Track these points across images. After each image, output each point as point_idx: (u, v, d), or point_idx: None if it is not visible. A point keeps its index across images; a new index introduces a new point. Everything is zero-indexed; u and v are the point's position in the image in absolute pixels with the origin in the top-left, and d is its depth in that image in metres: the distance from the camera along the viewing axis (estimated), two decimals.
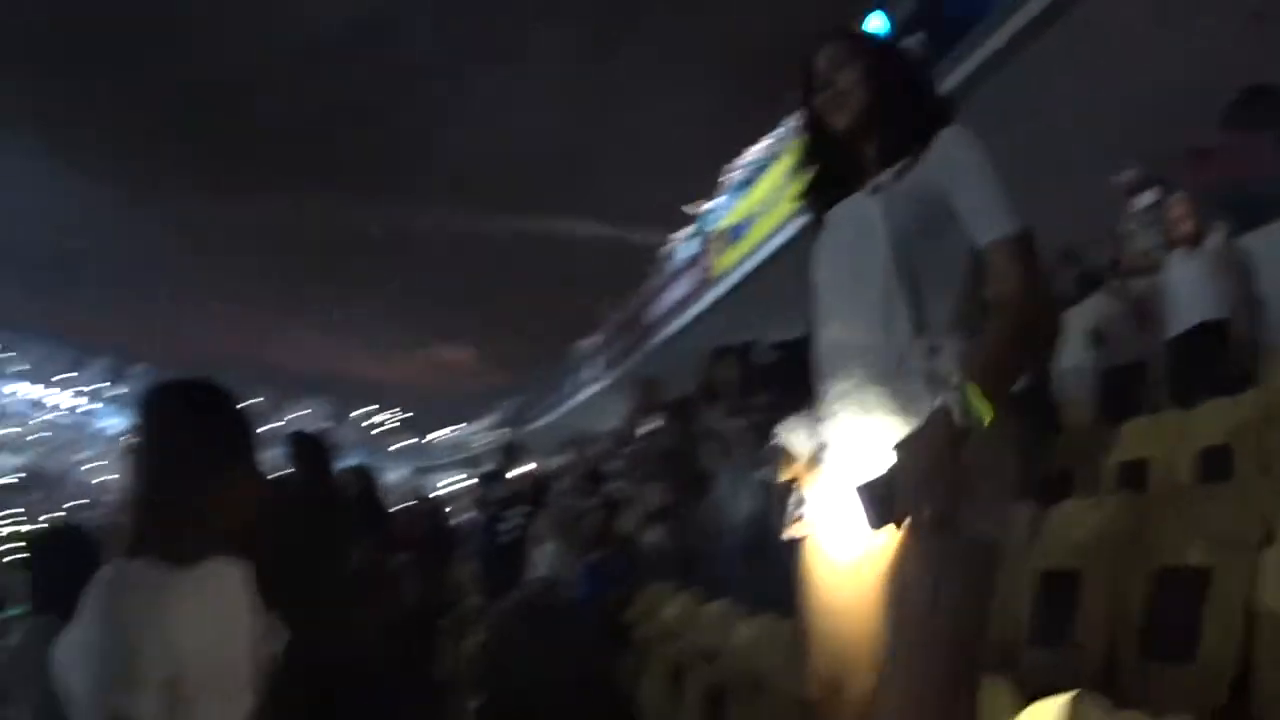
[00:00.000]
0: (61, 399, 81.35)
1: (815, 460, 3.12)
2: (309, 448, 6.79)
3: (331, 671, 5.10)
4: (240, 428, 3.19)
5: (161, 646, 2.70)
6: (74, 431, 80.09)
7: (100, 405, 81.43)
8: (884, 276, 2.94)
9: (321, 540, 6.08)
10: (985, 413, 2.67)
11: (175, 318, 73.73)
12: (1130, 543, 5.60)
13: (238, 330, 76.69)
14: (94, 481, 73.90)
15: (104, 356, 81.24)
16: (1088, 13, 12.72)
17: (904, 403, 2.85)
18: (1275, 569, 4.39)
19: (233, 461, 3.09)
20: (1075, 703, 3.33)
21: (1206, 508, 5.44)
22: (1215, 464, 6.78)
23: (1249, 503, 5.23)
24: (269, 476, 5.37)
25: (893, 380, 2.88)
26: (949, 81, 14.16)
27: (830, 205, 3.31)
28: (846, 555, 2.99)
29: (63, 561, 5.18)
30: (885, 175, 3.11)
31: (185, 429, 3.03)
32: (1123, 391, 9.53)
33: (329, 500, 6.49)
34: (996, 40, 13.88)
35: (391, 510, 12.22)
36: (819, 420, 3.14)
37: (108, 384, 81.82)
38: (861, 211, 3.12)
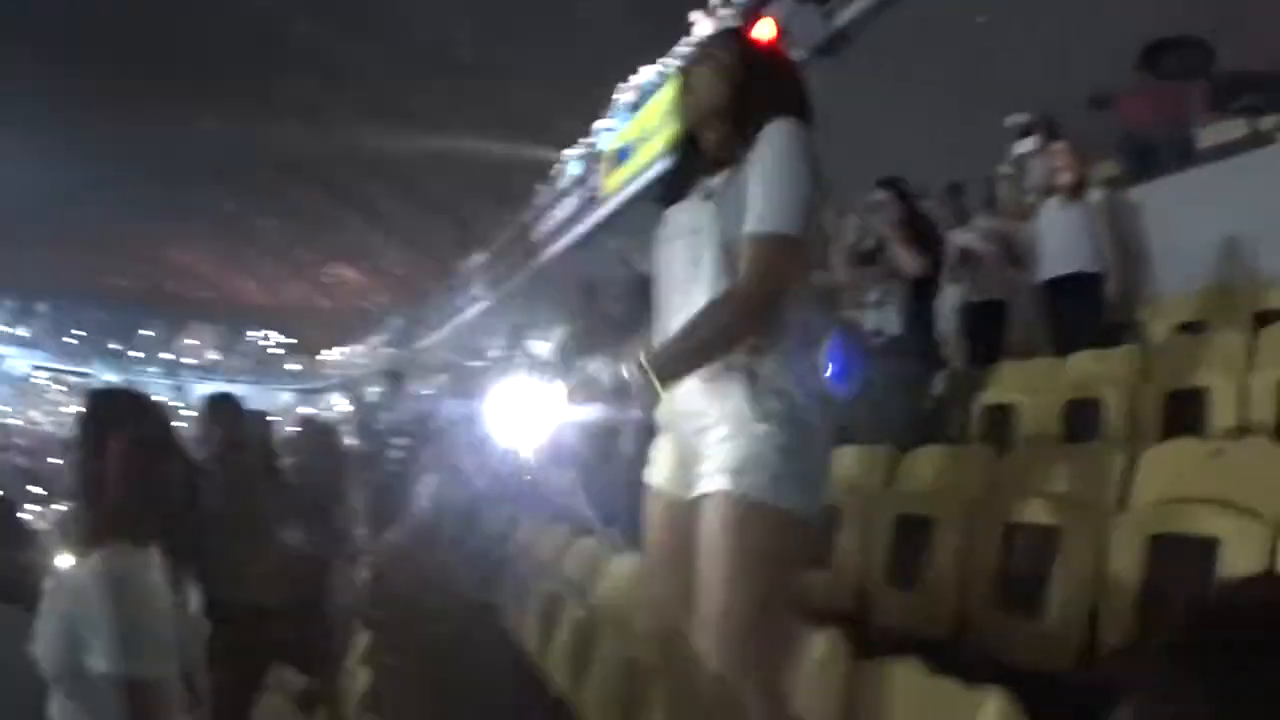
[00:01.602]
0: None
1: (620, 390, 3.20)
2: (225, 409, 6.87)
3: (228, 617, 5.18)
4: (164, 427, 3.67)
5: (158, 617, 3.19)
6: None
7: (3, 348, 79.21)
8: (712, 282, 3.13)
9: (236, 503, 6.16)
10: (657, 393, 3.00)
11: (68, 250, 72.43)
12: (984, 495, 5.87)
13: (130, 258, 75.53)
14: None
15: (5, 298, 79.20)
16: None
17: (725, 394, 3.06)
18: (1125, 535, 4.57)
19: (161, 457, 3.52)
20: (892, 666, 3.45)
21: (1060, 470, 5.71)
22: (1083, 415, 6.92)
23: (1106, 464, 5.46)
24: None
25: (717, 374, 3.07)
26: (848, 13, 14.26)
27: (674, 197, 3.49)
28: (678, 515, 3.20)
29: None
30: (718, 180, 3.30)
31: (121, 433, 3.42)
32: (986, 328, 9.64)
33: (242, 462, 6.56)
34: None
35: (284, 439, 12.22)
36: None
37: (10, 325, 79.83)
38: (694, 217, 3.31)
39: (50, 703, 3.27)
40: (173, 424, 3.68)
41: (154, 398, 3.80)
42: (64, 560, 3.55)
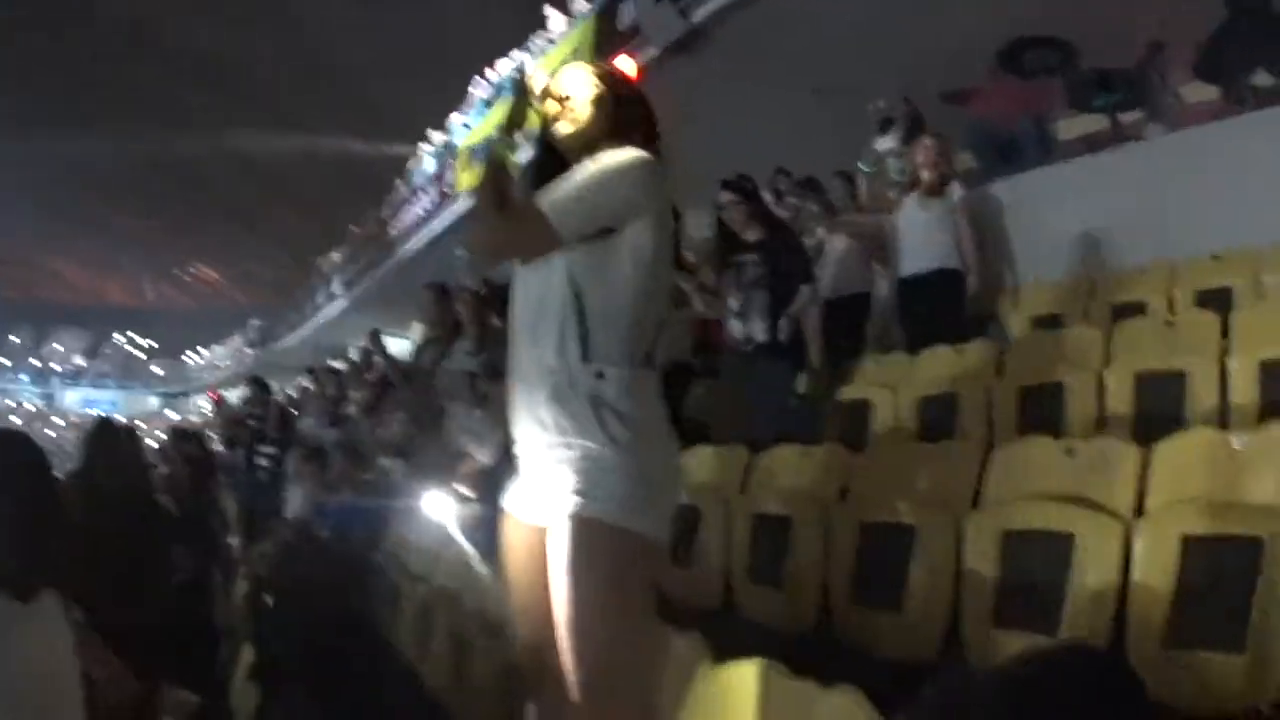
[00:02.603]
0: None
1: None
2: (106, 436, 6.84)
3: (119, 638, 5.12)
4: (43, 471, 3.64)
5: (11, 674, 3.12)
6: None
7: None
8: (560, 307, 3.23)
9: (116, 527, 6.11)
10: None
11: None
12: (840, 494, 6.06)
13: None
14: None
15: None
16: None
17: (572, 419, 3.16)
18: (979, 532, 4.73)
19: (43, 503, 3.52)
20: (750, 671, 3.53)
21: (915, 468, 5.88)
22: (939, 412, 7.06)
23: (961, 462, 5.63)
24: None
25: (564, 399, 3.18)
26: (704, 10, 14.11)
27: None
28: (533, 539, 3.28)
29: None
30: None
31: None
32: (846, 323, 9.62)
33: (119, 486, 6.52)
34: None
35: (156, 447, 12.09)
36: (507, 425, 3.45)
37: None
38: None
39: None
40: (48, 467, 3.65)
41: (29, 439, 3.75)
42: None
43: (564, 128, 3.50)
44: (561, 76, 3.59)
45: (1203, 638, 3.76)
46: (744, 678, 3.48)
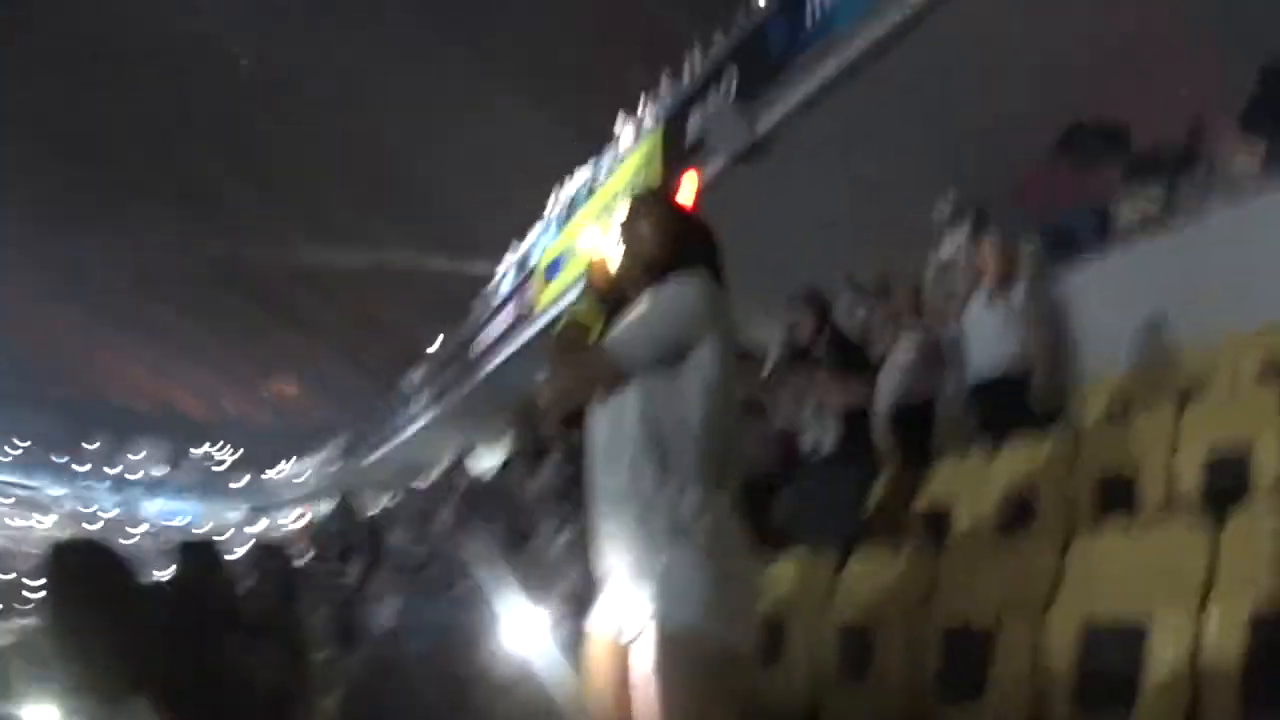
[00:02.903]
0: None
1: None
2: (193, 551, 7.04)
3: None
4: (129, 580, 3.84)
5: None
6: None
7: None
8: (635, 432, 3.37)
9: (204, 643, 6.26)
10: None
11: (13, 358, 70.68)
12: (923, 599, 6.08)
13: (71, 368, 74.03)
14: None
15: None
16: (913, 49, 12.51)
17: (651, 540, 3.29)
18: (1058, 625, 4.87)
19: (130, 612, 3.69)
20: None
21: (996, 567, 5.92)
22: (1017, 510, 7.08)
23: (1039, 558, 5.69)
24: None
25: (644, 521, 3.31)
26: (774, 113, 14.27)
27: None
28: (616, 654, 3.39)
29: None
30: None
31: (92, 592, 3.63)
32: (913, 430, 9.58)
33: (208, 604, 6.68)
34: (825, 70, 13.49)
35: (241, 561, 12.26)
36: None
37: None
38: None
39: None
40: (136, 576, 3.79)
41: (116, 550, 3.93)
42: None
43: (623, 260, 3.68)
44: (619, 210, 3.78)
45: (1273, 710, 3.87)
46: None
